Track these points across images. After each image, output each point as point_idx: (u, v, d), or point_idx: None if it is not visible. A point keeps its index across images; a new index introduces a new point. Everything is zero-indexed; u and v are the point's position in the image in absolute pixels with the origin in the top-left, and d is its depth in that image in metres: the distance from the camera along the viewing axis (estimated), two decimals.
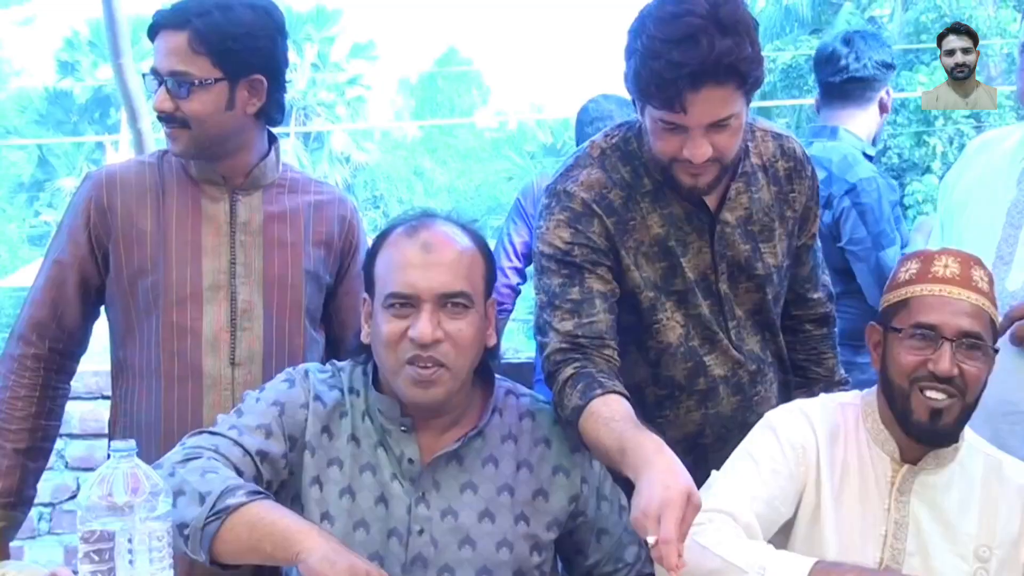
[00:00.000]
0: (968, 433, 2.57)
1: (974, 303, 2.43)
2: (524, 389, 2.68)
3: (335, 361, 2.66)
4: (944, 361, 2.39)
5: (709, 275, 2.74)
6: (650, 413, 2.79)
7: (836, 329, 3.07)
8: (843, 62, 4.12)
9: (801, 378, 2.98)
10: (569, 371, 2.50)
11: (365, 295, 2.56)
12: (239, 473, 2.38)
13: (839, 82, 4.13)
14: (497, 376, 2.64)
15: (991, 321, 2.46)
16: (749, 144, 2.75)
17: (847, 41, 4.15)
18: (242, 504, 2.26)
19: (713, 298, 2.76)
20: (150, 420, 2.93)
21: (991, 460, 2.57)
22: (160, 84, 2.84)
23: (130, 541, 2.05)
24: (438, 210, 2.62)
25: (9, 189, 37.11)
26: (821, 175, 3.00)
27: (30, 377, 2.95)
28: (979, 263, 2.50)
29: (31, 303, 2.99)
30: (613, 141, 2.74)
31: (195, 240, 2.93)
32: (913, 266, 2.51)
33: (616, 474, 2.50)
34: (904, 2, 28.32)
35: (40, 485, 3.13)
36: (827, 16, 28.22)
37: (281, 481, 2.50)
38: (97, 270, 2.97)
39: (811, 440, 2.54)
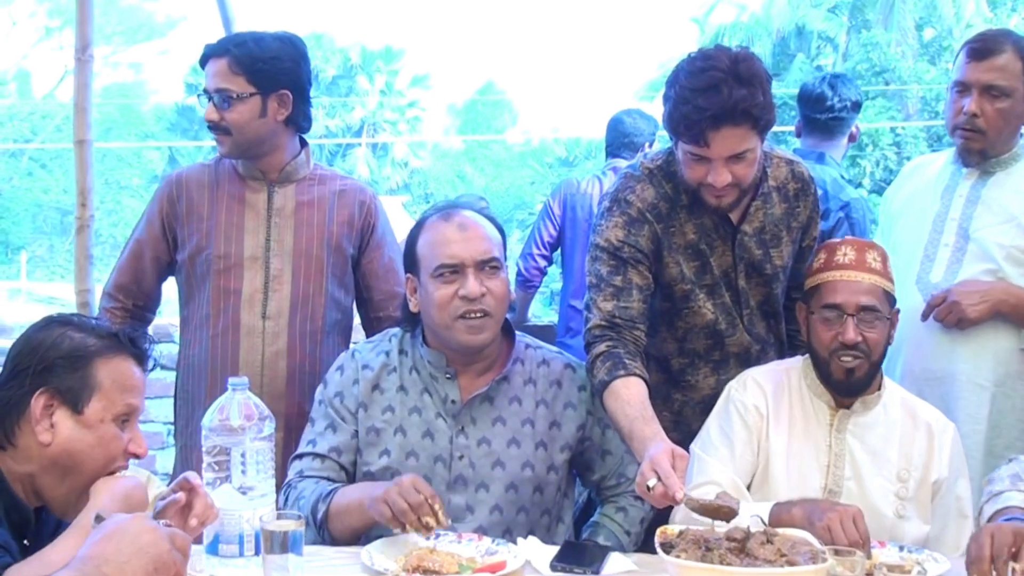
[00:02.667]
0: (889, 383, 2.61)
1: (868, 281, 2.47)
2: (539, 342, 2.72)
3: (388, 329, 2.73)
4: (849, 332, 2.45)
5: (730, 273, 2.72)
6: (675, 378, 2.81)
7: None
8: (828, 103, 4.00)
9: (789, 345, 2.93)
10: (602, 347, 2.52)
11: (408, 274, 2.59)
12: (325, 479, 2.52)
13: (824, 119, 4.03)
14: (517, 332, 2.67)
15: (885, 293, 2.49)
16: (768, 169, 2.71)
17: (832, 86, 4.03)
18: (326, 511, 2.42)
19: (732, 291, 2.73)
20: (201, 361, 3.00)
21: (908, 404, 2.60)
22: (209, 100, 2.92)
23: (243, 456, 2.08)
24: (458, 200, 2.69)
25: (147, 180, 37.09)
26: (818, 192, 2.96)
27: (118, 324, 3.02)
28: (872, 246, 2.55)
29: (117, 270, 3.12)
30: (658, 163, 2.70)
31: (239, 222, 2.99)
32: (822, 256, 2.56)
33: None
34: (844, 55, 28.12)
35: (168, 408, 3.18)
36: (784, 64, 28.02)
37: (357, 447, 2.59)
38: (167, 247, 3.05)
39: (761, 400, 2.59)
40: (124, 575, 1.59)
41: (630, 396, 2.39)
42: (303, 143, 3.09)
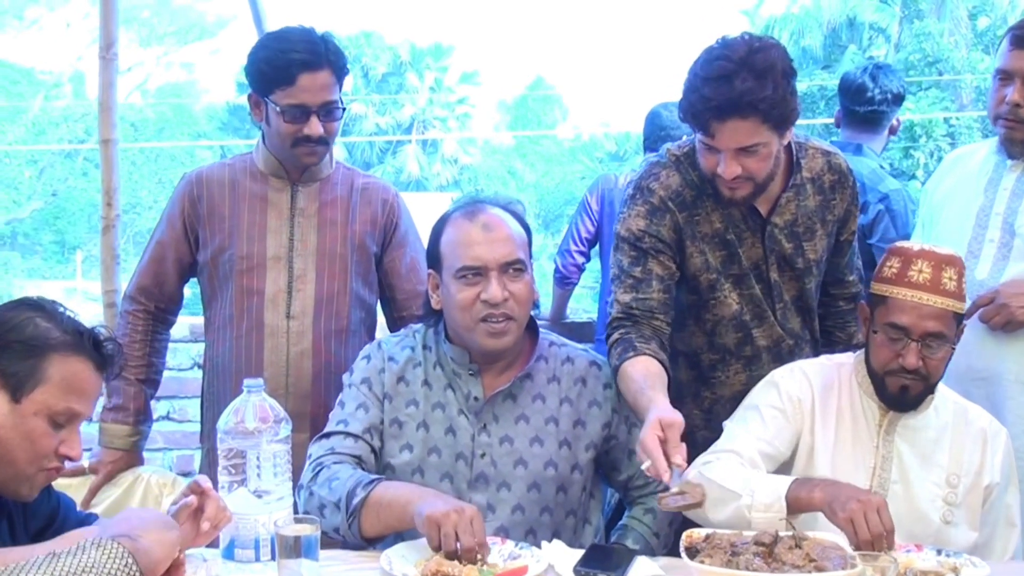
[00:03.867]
0: (941, 386, 2.51)
1: (940, 307, 2.35)
2: (564, 340, 2.67)
3: (411, 325, 2.69)
4: (910, 357, 2.35)
5: (761, 265, 2.67)
6: (705, 374, 2.77)
7: None
8: (868, 95, 3.91)
9: (826, 341, 2.88)
10: (616, 336, 2.51)
11: (431, 271, 2.55)
12: (357, 458, 2.44)
13: (863, 112, 3.94)
14: (541, 330, 2.62)
15: (954, 316, 2.38)
16: (802, 160, 2.66)
17: (873, 76, 3.93)
18: (364, 499, 2.29)
19: (764, 284, 2.69)
20: (225, 361, 2.97)
21: (959, 407, 2.53)
22: (310, 115, 2.81)
23: (258, 459, 2.05)
24: (485, 196, 2.62)
25: None
26: None
27: (141, 328, 3.03)
28: (951, 262, 2.38)
29: (139, 273, 3.07)
30: (685, 150, 2.65)
31: (261, 222, 2.95)
32: (895, 264, 2.41)
33: None
34: (896, 45, 27.81)
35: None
36: (835, 55, 27.78)
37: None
38: (189, 248, 3.01)
39: (807, 393, 2.51)
40: (160, 544, 1.75)
41: (634, 372, 2.38)
42: None
